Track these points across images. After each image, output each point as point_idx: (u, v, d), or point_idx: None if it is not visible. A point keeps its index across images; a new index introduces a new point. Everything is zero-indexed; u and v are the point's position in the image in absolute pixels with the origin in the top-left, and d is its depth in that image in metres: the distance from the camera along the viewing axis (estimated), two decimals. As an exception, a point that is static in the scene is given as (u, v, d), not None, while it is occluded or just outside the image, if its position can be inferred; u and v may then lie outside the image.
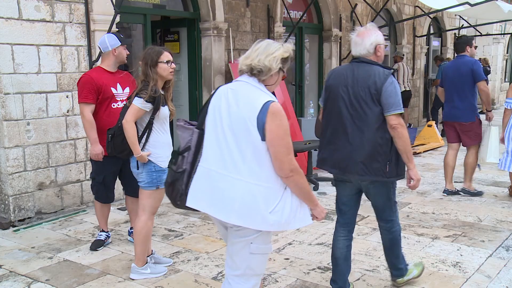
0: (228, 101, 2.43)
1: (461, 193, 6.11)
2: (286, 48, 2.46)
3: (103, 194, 4.40)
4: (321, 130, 3.40)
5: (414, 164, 3.29)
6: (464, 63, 5.81)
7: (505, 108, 5.84)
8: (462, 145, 6.12)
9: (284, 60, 2.44)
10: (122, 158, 3.88)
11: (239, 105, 2.39)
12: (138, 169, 3.72)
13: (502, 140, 5.86)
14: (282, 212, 2.39)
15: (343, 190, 3.42)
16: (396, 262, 3.56)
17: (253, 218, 2.37)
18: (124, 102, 4.02)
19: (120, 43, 4.19)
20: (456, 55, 6.17)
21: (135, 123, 3.62)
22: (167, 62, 3.65)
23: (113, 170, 4.33)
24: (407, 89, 11.13)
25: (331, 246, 4.26)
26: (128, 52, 4.32)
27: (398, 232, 3.50)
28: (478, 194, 6.07)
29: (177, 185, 2.59)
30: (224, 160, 2.41)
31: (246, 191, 2.37)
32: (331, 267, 3.55)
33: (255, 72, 2.41)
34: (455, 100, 5.86)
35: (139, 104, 3.56)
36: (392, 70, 3.21)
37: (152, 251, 4.01)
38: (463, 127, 5.91)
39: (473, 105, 5.84)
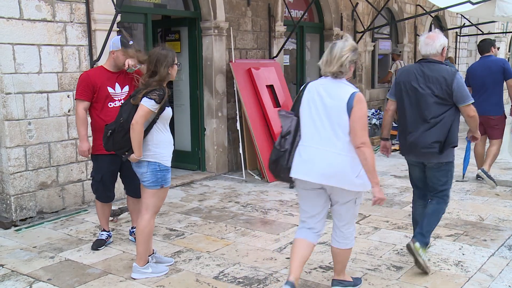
0: (320, 94, 3.20)
1: (479, 178, 6.56)
2: (352, 47, 3.17)
3: (102, 193, 4.40)
4: (397, 120, 4.07)
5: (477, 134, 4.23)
6: (494, 62, 6.34)
7: None
8: (488, 138, 6.56)
9: (353, 59, 3.19)
10: (119, 155, 3.86)
11: (331, 96, 3.17)
12: (141, 169, 3.70)
13: None
14: (364, 176, 3.19)
15: (415, 171, 4.09)
16: (425, 230, 3.90)
17: (345, 181, 3.17)
18: (122, 101, 4.03)
19: (119, 47, 4.19)
20: (481, 55, 6.61)
21: None
22: (176, 63, 3.71)
23: (111, 169, 4.33)
24: None
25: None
26: (129, 61, 4.27)
27: (444, 208, 4.03)
28: (494, 181, 6.40)
29: (280, 161, 3.32)
30: (321, 138, 3.18)
31: (340, 161, 3.15)
32: (330, 269, 3.54)
33: (336, 75, 3.19)
34: (484, 96, 6.30)
35: (150, 106, 3.53)
36: (457, 69, 3.94)
37: (153, 250, 4.01)
38: (491, 121, 6.37)
39: (501, 100, 6.42)
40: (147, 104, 3.54)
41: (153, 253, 3.98)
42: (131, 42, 4.25)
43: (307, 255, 3.36)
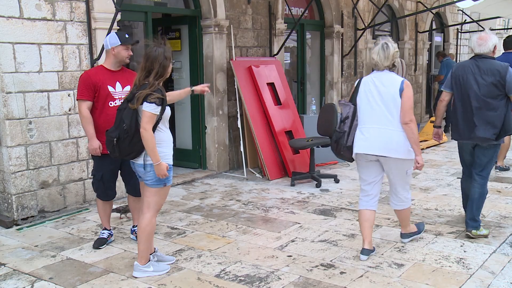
0: (375, 84, 3.98)
1: (497, 170, 7.07)
2: (395, 46, 4.01)
3: (102, 192, 4.41)
4: (451, 109, 4.62)
5: None
6: None
7: None
8: None
9: (397, 56, 4.04)
10: (127, 160, 3.85)
11: (385, 85, 3.94)
12: (144, 169, 3.69)
13: None
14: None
15: (466, 153, 4.66)
16: (476, 214, 4.50)
17: (400, 152, 3.93)
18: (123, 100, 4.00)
19: (119, 43, 4.19)
20: (504, 51, 6.97)
21: (136, 126, 3.58)
22: (172, 61, 3.69)
23: (111, 168, 4.33)
24: None
25: (334, 243, 4.49)
26: (130, 53, 4.30)
27: (486, 190, 4.59)
28: (507, 169, 7.11)
29: (340, 141, 4.16)
30: (379, 119, 3.94)
31: (396, 136, 3.91)
32: (332, 266, 3.53)
33: (390, 68, 4.00)
34: None
35: (152, 110, 3.51)
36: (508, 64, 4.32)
37: (154, 249, 4.01)
38: None
39: None
40: (149, 109, 3.51)
41: (154, 252, 3.98)
42: (126, 35, 4.25)
43: (372, 220, 4.16)
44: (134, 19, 7.09)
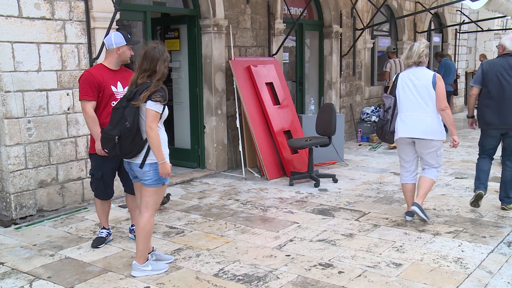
0: (410, 79, 4.82)
1: None
2: (426, 45, 4.81)
3: (102, 191, 4.40)
4: (482, 102, 5.27)
5: None
6: None
7: None
8: None
9: (427, 53, 4.81)
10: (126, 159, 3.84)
11: (419, 79, 4.78)
12: (142, 168, 3.67)
13: None
14: (444, 130, 4.88)
15: (492, 141, 5.36)
16: (509, 193, 5.35)
17: (437, 134, 4.79)
18: None
19: (125, 43, 4.18)
20: None
21: (138, 125, 3.58)
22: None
23: (112, 167, 4.33)
24: None
25: (332, 242, 4.51)
26: (132, 53, 4.29)
27: None
28: None
29: (384, 128, 5.03)
30: (416, 108, 4.77)
31: (431, 121, 4.75)
32: (330, 266, 3.53)
33: (418, 64, 4.80)
34: None
35: (157, 108, 3.50)
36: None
37: (153, 248, 4.01)
38: None
39: None
40: (155, 108, 3.49)
41: (152, 251, 3.98)
42: (129, 36, 4.27)
43: (414, 190, 5.02)
44: (133, 19, 7.10)
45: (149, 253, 3.90)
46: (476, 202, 5.28)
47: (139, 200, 3.89)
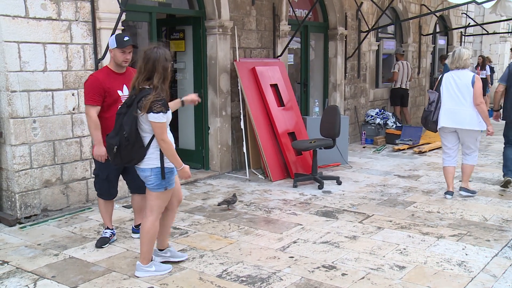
0: (453, 78, 5.73)
1: None
2: (468, 51, 5.72)
3: (106, 191, 4.42)
4: (507, 98, 6.27)
5: None
6: None
7: None
8: None
9: (470, 58, 5.73)
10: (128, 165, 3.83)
11: (460, 78, 5.69)
12: (145, 173, 3.66)
13: None
14: (482, 121, 5.68)
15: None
16: None
17: (474, 124, 5.66)
18: None
19: (116, 46, 4.15)
20: None
21: (139, 131, 3.57)
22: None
23: (117, 168, 4.33)
24: (403, 87, 11.06)
25: (335, 244, 4.53)
26: (127, 57, 4.23)
27: None
28: None
29: (428, 118, 5.92)
30: (457, 102, 5.69)
31: (469, 114, 5.64)
32: (333, 268, 3.52)
33: (462, 67, 5.70)
34: None
35: (162, 119, 3.48)
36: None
37: (168, 244, 4.08)
38: None
39: None
40: (159, 119, 3.46)
41: (168, 247, 4.05)
42: (126, 38, 4.18)
43: (454, 172, 5.97)
44: (138, 20, 7.11)
45: (164, 249, 3.97)
46: (505, 186, 6.27)
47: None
